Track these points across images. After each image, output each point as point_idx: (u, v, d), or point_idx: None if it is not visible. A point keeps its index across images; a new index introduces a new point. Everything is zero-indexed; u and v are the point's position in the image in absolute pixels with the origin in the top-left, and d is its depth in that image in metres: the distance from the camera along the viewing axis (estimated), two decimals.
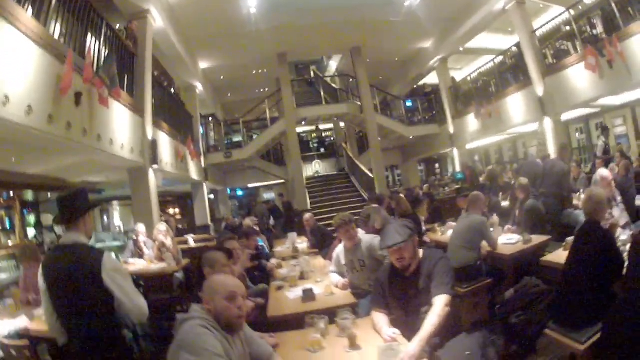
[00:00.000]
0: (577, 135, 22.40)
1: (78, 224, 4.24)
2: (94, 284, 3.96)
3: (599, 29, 14.15)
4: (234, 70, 23.92)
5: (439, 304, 4.16)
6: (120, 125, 10.66)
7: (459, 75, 26.20)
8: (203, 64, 21.91)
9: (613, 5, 13.43)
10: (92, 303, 4.00)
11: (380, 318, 4.38)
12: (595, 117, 20.44)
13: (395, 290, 4.65)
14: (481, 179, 17.04)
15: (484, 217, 7.87)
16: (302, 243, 11.91)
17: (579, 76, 14.88)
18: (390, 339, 3.93)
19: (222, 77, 24.61)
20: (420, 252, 4.74)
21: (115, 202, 22.54)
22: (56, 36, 7.92)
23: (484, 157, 29.13)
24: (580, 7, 15.23)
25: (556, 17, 16.23)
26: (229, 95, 28.99)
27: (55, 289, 4.11)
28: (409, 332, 4.01)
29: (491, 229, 7.88)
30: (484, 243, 7.48)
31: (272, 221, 20.27)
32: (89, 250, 4.21)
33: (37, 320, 5.82)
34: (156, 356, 4.10)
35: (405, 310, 4.50)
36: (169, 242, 10.45)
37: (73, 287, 4.02)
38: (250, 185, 31.66)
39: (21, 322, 5.74)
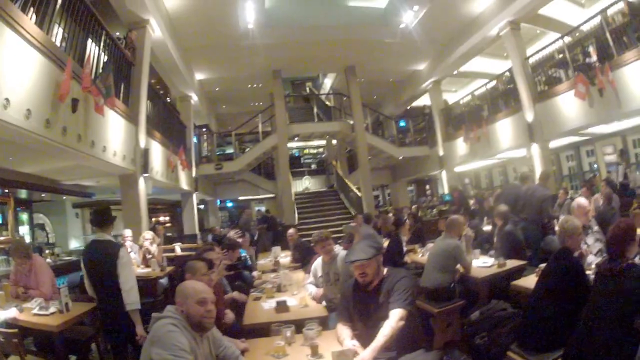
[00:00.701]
0: (570, 162, 22.62)
1: (107, 227, 6.42)
2: (113, 266, 5.99)
3: (593, 57, 14.25)
4: (230, 82, 24.09)
5: (394, 317, 4.38)
6: (114, 132, 10.87)
7: (453, 97, 26.52)
8: (199, 75, 22.08)
9: (607, 33, 13.60)
10: (112, 278, 5.95)
11: (343, 330, 4.65)
12: (586, 145, 20.62)
13: (358, 304, 4.85)
14: (472, 202, 17.22)
15: (459, 241, 7.99)
16: (286, 257, 12.03)
17: (569, 104, 15.08)
18: None
19: (217, 89, 24.72)
20: (385, 270, 4.92)
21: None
22: (57, 43, 8.14)
23: (475, 181, 29.28)
24: (577, 34, 15.39)
25: (550, 44, 16.46)
26: (224, 107, 29.11)
27: (91, 268, 6.26)
28: (370, 344, 4.24)
29: (464, 244, 8.04)
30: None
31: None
32: (113, 244, 6.33)
33: (26, 312, 6.36)
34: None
35: (366, 324, 4.68)
36: (154, 248, 10.77)
37: (101, 267, 6.13)
38: (240, 198, 31.58)
39: (10, 312, 6.22)
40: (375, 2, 19.68)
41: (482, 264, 8.25)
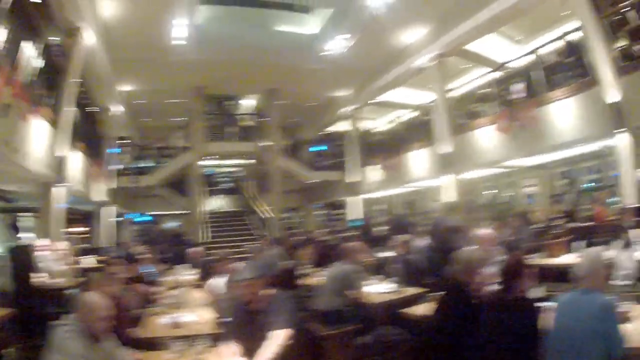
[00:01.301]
0: (488, 194, 22.99)
1: (18, 234, 7.29)
2: (33, 264, 7.65)
3: (518, 93, 14.80)
4: (155, 95, 24.06)
5: (276, 337, 4.72)
6: (36, 140, 10.90)
7: (372, 125, 26.92)
8: (126, 87, 21.94)
9: (538, 71, 14.16)
10: (32, 272, 7.51)
11: (228, 347, 4.90)
12: (506, 177, 20.82)
13: (243, 323, 5.08)
14: (385, 228, 17.51)
15: (356, 266, 8.28)
16: (191, 275, 11.99)
17: (489, 137, 15.61)
18: None
19: (142, 101, 24.53)
20: (270, 292, 5.23)
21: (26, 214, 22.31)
22: None
23: (390, 208, 29.53)
24: (506, 69, 15.97)
25: (476, 78, 17.23)
26: (148, 119, 28.72)
27: (17, 268, 7.68)
28: None
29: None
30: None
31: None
32: (31, 246, 7.86)
33: None
34: None
35: (252, 343, 4.85)
36: (66, 259, 10.83)
37: (27, 267, 7.57)
38: (156, 213, 31.18)
39: None
40: (303, 27, 20.00)
41: (382, 289, 8.46)
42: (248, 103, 29.22)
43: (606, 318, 4.21)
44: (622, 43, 11.91)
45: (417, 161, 20.08)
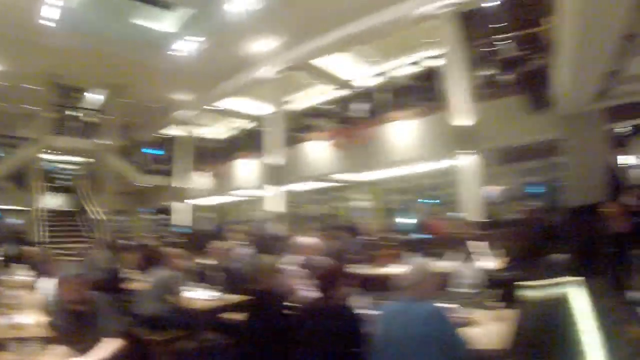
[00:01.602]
0: (320, 204, 23.47)
1: None
2: None
3: (359, 111, 15.65)
4: (9, 79, 22.61)
5: (105, 343, 5.08)
6: None
7: (207, 131, 27.30)
8: None
9: (383, 93, 15.12)
10: None
11: (57, 350, 5.10)
12: (340, 190, 21.30)
13: (70, 325, 5.30)
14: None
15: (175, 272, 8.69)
16: (26, 275, 12.07)
17: (323, 151, 16.35)
18: None
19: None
20: (94, 294, 5.53)
21: None
22: None
23: (220, 215, 29.76)
24: (351, 87, 16.99)
25: (319, 94, 18.22)
26: (3, 105, 26.71)
27: None
28: None
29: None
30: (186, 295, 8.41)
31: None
32: None
33: None
34: None
35: (80, 345, 5.10)
36: None
37: None
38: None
39: None
40: (159, 24, 19.52)
41: (204, 296, 8.78)
42: (94, 98, 28.63)
43: (437, 325, 4.39)
44: (486, 72, 13.06)
45: (247, 170, 20.68)
